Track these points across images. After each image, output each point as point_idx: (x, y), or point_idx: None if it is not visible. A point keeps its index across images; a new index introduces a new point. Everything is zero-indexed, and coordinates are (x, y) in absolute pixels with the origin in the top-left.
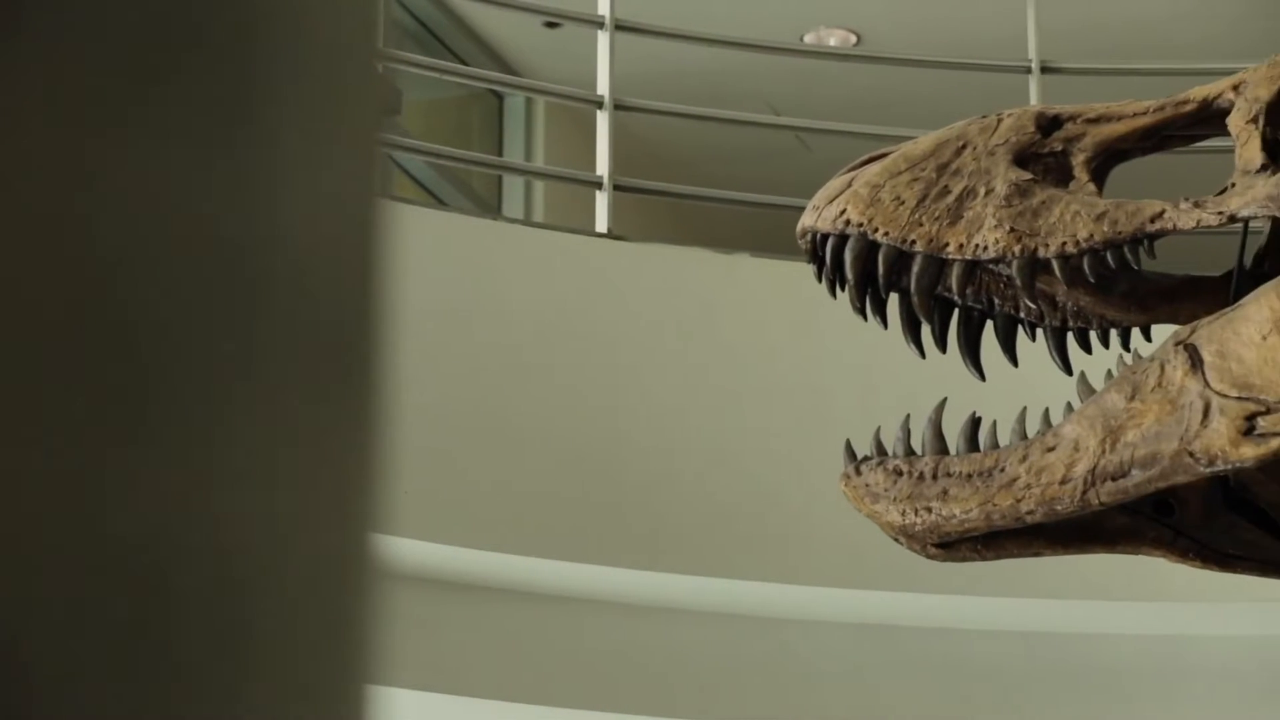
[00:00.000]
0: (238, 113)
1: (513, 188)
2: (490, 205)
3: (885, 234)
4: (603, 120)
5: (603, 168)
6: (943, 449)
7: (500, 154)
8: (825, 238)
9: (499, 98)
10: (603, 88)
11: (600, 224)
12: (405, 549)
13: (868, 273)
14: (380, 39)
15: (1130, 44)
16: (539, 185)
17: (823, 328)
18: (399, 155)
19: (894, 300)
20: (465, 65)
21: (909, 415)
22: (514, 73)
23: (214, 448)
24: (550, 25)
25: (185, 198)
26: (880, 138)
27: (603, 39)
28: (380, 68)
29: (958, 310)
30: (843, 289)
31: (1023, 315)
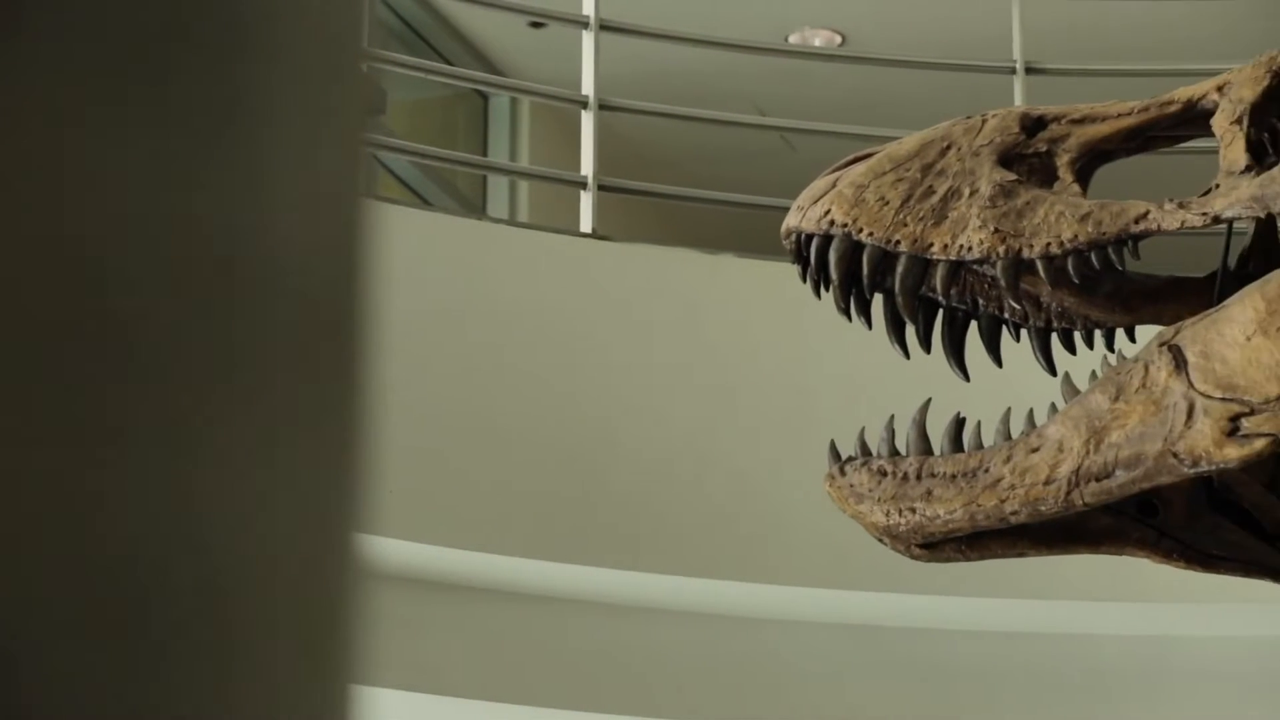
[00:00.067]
0: (223, 113)
1: (498, 188)
2: (475, 205)
3: (870, 234)
4: (587, 120)
5: (587, 168)
6: (927, 449)
7: (485, 154)
8: (810, 238)
9: (484, 98)
10: (587, 88)
11: (585, 224)
12: (390, 549)
13: (852, 273)
14: (366, 39)
15: (1115, 45)
16: (524, 185)
17: (807, 328)
18: (384, 155)
19: (879, 301)
20: (450, 65)
21: (893, 415)
22: (499, 73)
23: (199, 447)
24: (535, 25)
25: (172, 197)
26: (865, 138)
27: (587, 39)
28: (366, 67)
29: (942, 311)
30: (827, 289)
31: (1007, 316)
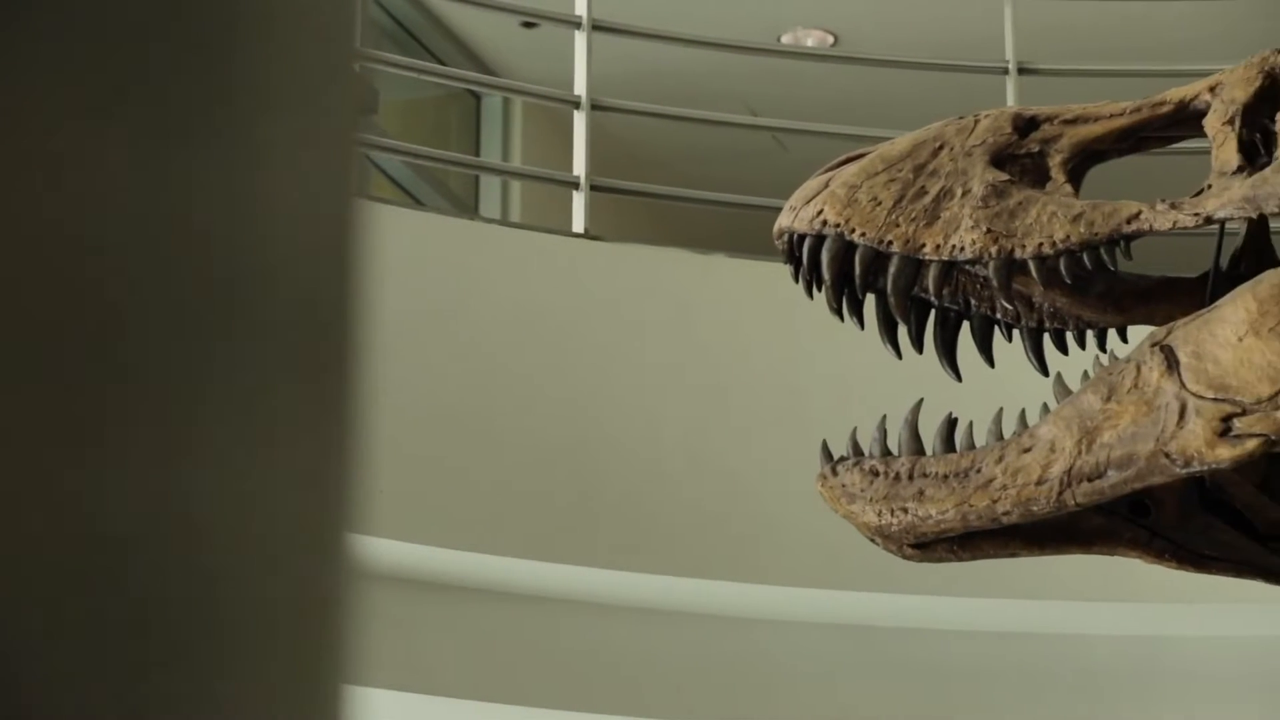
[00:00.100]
0: (216, 112)
1: (490, 188)
2: (467, 205)
3: (862, 235)
4: (580, 120)
5: (580, 168)
6: (919, 450)
7: (477, 154)
8: (802, 238)
9: (476, 98)
10: (580, 88)
11: (577, 224)
12: (382, 549)
13: (844, 273)
14: (358, 39)
15: (1107, 45)
16: (516, 185)
17: (799, 328)
18: (376, 155)
19: (871, 301)
20: (442, 65)
21: (885, 416)
22: (491, 73)
23: (192, 447)
24: (527, 25)
25: (166, 197)
26: (857, 138)
27: (580, 39)
28: (358, 67)
29: (934, 311)
30: (819, 289)
31: (999, 316)
